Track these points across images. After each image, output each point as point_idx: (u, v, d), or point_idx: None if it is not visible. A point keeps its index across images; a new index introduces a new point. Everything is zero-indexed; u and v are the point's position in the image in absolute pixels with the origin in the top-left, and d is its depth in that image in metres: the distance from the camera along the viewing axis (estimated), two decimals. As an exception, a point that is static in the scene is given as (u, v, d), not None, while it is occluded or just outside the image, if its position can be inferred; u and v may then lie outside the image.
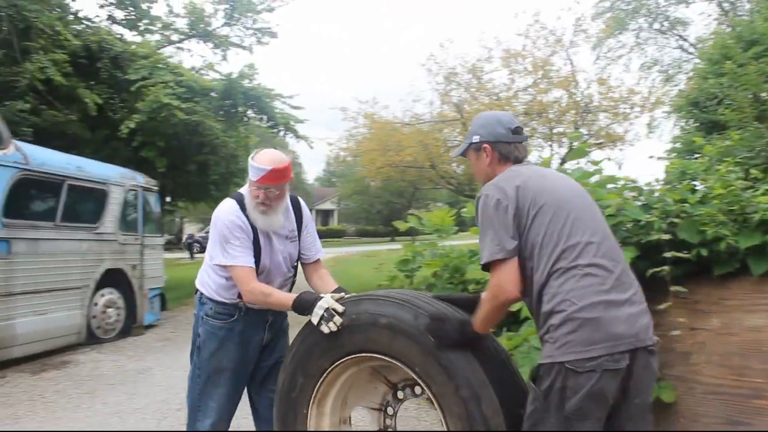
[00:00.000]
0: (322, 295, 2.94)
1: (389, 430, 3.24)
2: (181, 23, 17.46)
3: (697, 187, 4.34)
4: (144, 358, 8.07)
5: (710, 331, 3.74)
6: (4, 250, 7.26)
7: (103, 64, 14.29)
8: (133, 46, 15.12)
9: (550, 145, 16.41)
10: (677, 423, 3.73)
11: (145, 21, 16.28)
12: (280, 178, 3.12)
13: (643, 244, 3.89)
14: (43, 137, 12.20)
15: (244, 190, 3.28)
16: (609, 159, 16.07)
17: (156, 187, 11.27)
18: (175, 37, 17.85)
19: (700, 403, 3.67)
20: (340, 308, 2.85)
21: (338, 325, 2.81)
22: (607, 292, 2.28)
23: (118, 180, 9.83)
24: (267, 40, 17.89)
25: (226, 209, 3.23)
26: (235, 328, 3.33)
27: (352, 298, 2.95)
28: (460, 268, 5.36)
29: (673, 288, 3.70)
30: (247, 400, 3.59)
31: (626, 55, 24.64)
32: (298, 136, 15.40)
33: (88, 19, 15.51)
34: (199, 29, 17.32)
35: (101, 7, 15.67)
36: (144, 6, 15.63)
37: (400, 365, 2.71)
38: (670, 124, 20.22)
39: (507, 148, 2.66)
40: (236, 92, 14.10)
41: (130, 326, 9.86)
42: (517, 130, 2.68)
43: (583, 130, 15.70)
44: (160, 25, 17.11)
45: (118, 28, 16.13)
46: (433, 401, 2.64)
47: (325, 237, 57.08)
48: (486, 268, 2.43)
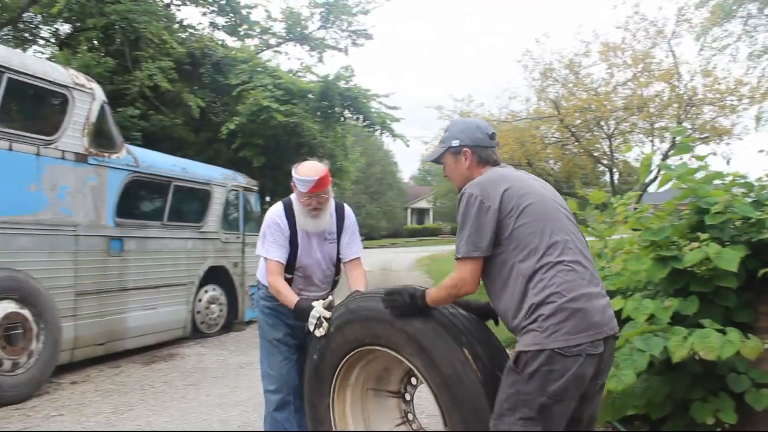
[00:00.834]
0: (314, 304, 3.29)
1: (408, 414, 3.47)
2: (279, 27, 17.96)
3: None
4: (245, 353, 8.35)
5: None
6: (117, 248, 7.69)
7: (206, 70, 14.88)
8: (234, 52, 15.65)
9: (651, 141, 15.88)
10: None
11: (245, 26, 16.82)
12: (324, 184, 3.56)
13: (754, 243, 3.71)
14: (151, 140, 12.86)
15: (293, 197, 3.70)
16: (715, 154, 15.39)
17: (256, 187, 11.60)
18: (273, 41, 18.36)
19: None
20: (328, 314, 3.21)
21: (326, 329, 3.18)
22: (587, 285, 2.51)
23: (221, 181, 10.20)
24: (362, 42, 18.14)
25: (273, 211, 3.75)
26: (281, 308, 3.72)
27: (351, 298, 3.26)
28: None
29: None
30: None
31: (733, 44, 23.43)
32: (394, 135, 15.48)
33: (192, 27, 16.20)
34: (296, 33, 17.74)
35: (204, 14, 16.31)
36: (244, 12, 16.14)
37: (384, 349, 2.99)
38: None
39: (486, 152, 2.84)
40: (333, 93, 14.33)
41: (232, 322, 10.22)
42: (493, 136, 2.88)
43: (687, 125, 15.08)
44: (258, 30, 17.65)
45: (219, 35, 16.75)
46: (411, 367, 2.90)
47: (421, 235, 57.15)
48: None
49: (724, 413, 3.51)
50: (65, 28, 16.13)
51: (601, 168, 18.48)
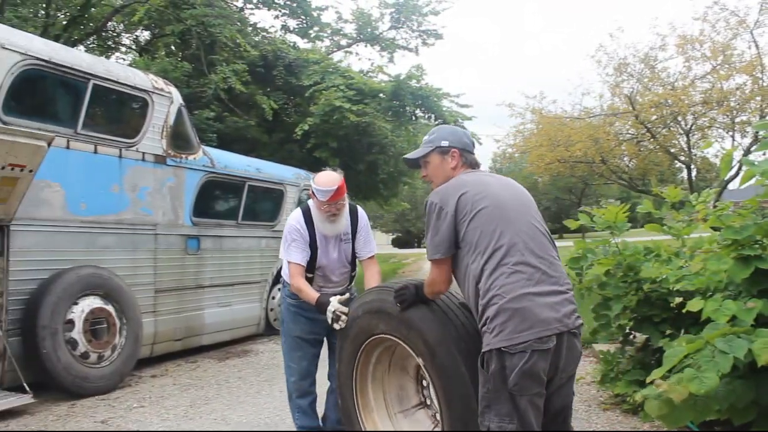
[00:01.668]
0: (331, 299, 3.62)
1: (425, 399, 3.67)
2: (350, 28, 18.12)
3: None
4: (318, 350, 8.45)
5: None
6: (195, 246, 7.94)
7: (278, 71, 15.14)
8: (306, 53, 15.88)
9: (732, 136, 15.28)
10: None
11: (316, 28, 17.03)
12: (341, 193, 3.91)
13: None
14: (226, 142, 13.19)
15: (310, 203, 4.07)
16: (801, 149, 14.67)
17: (327, 187, 11.73)
18: (343, 42, 18.54)
19: None
20: (344, 309, 3.55)
21: (344, 322, 3.53)
22: (534, 285, 2.63)
23: (293, 180, 10.37)
24: (432, 42, 18.11)
25: (293, 217, 4.12)
26: (304, 306, 4.04)
27: (366, 292, 3.59)
28: (634, 267, 5.13)
29: None
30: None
31: (823, 33, 22.29)
32: None
33: (264, 30, 16.52)
34: (367, 33, 17.86)
35: (276, 17, 16.61)
36: (315, 14, 16.35)
37: (391, 336, 3.29)
38: None
39: (470, 157, 3.11)
40: (404, 93, 14.35)
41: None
42: (474, 145, 3.18)
43: (771, 118, 14.44)
44: (329, 32, 17.84)
45: (291, 37, 17.02)
46: (412, 353, 3.20)
47: (492, 234, 56.66)
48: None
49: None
50: (145, 35, 16.74)
51: (678, 165, 17.92)
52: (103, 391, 6.15)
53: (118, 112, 7.41)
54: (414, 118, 15.66)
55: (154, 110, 7.32)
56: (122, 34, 17.06)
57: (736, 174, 11.84)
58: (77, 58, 6.68)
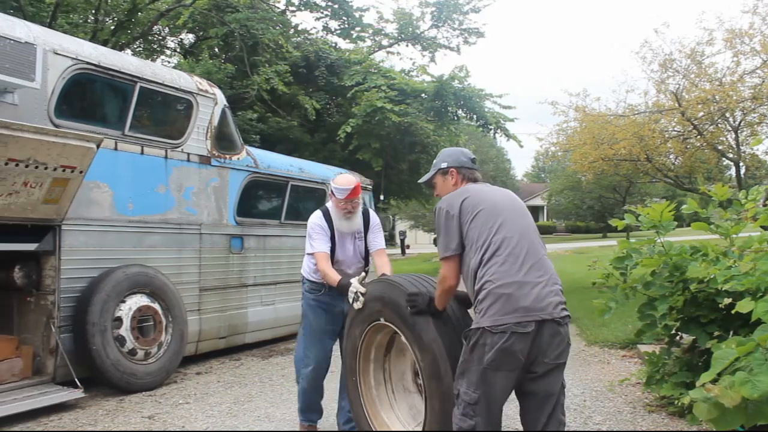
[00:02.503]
0: (352, 281, 3.99)
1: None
2: (391, 28, 18.15)
3: None
4: (360, 349, 8.49)
5: None
6: (238, 246, 8.04)
7: (320, 72, 15.26)
8: (347, 54, 15.95)
9: (784, 133, 14.85)
10: None
11: (358, 29, 17.10)
12: (356, 193, 4.42)
13: None
14: (269, 142, 13.34)
15: (329, 204, 4.57)
16: None
17: (370, 186, 11.77)
18: (385, 42, 18.58)
19: None
20: (363, 289, 3.90)
21: (362, 303, 3.88)
22: (522, 275, 3.01)
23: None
24: (474, 40, 18.03)
25: (314, 216, 4.60)
26: (323, 300, 4.56)
27: (378, 280, 3.99)
28: (680, 267, 5.04)
29: None
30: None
31: None
32: (508, 136, 15.28)
33: (306, 31, 16.64)
34: (408, 33, 17.87)
35: (317, 19, 16.72)
36: (356, 15, 16.41)
37: (386, 322, 3.73)
38: None
39: (468, 172, 3.53)
40: (447, 93, 14.31)
41: (347, 318, 10.38)
42: (474, 161, 3.61)
43: (826, 115, 14.01)
44: (371, 32, 17.90)
45: (332, 38, 17.11)
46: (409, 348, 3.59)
47: (535, 234, 56.02)
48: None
49: None
50: (189, 38, 17.01)
51: (726, 162, 17.48)
52: (149, 387, 6.28)
53: (163, 114, 7.55)
54: (456, 118, 15.60)
55: (199, 111, 7.44)
56: (167, 38, 17.36)
57: (788, 171, 11.50)
58: (125, 61, 6.83)
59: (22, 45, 5.33)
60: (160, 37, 17.11)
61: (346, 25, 16.97)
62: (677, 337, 5.38)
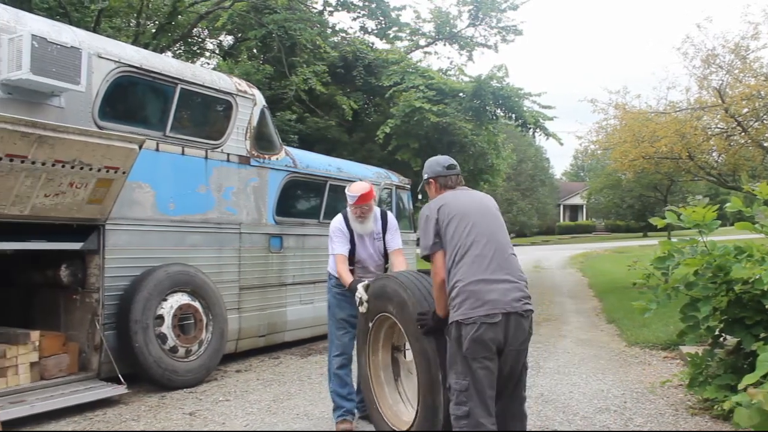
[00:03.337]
0: (358, 287, 4.50)
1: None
2: (428, 27, 18.11)
3: None
4: (397, 348, 8.49)
5: None
6: (278, 245, 8.12)
7: (358, 72, 15.30)
8: (385, 53, 15.96)
9: (834, 129, 14.43)
10: None
11: (395, 28, 17.10)
12: (366, 199, 4.87)
13: None
14: (307, 142, 13.43)
15: (348, 208, 4.99)
16: None
17: (408, 185, 11.76)
18: (422, 42, 18.54)
19: None
20: (366, 297, 4.43)
21: (365, 307, 4.45)
22: (489, 273, 3.44)
23: (374, 179, 10.43)
24: (512, 38, 17.90)
25: (335, 220, 5.10)
26: (346, 293, 4.94)
27: (382, 277, 4.54)
28: (724, 267, 4.94)
29: None
30: None
31: None
32: (547, 134, 15.12)
33: (344, 32, 16.72)
34: (445, 32, 17.82)
35: (354, 19, 16.77)
36: (393, 14, 16.42)
37: (392, 317, 4.22)
38: None
39: (444, 180, 3.96)
40: (485, 93, 14.18)
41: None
42: (450, 167, 4.00)
43: None
44: (408, 31, 17.88)
45: (369, 38, 17.14)
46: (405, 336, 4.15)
47: (574, 233, 55.45)
48: (426, 259, 3.75)
49: None
50: (228, 40, 17.21)
51: (772, 159, 17.05)
52: (190, 384, 6.38)
53: (204, 115, 7.66)
54: (495, 117, 15.49)
55: (238, 112, 7.53)
56: (207, 40, 17.60)
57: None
58: (166, 63, 6.95)
59: (68, 50, 5.45)
60: (200, 39, 17.35)
61: (383, 25, 17.00)
62: (721, 339, 5.28)
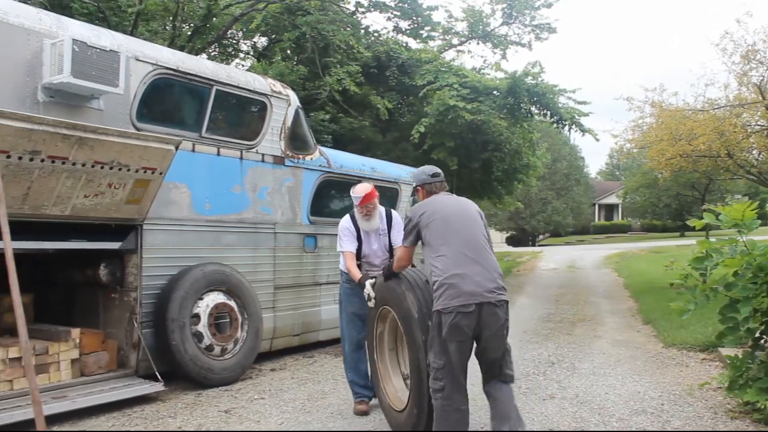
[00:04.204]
0: (366, 284, 5.04)
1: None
2: (461, 26, 18.05)
3: None
4: (431, 348, 8.48)
5: None
6: (312, 244, 8.16)
7: (391, 72, 15.31)
8: (418, 53, 15.94)
9: None
10: None
11: (428, 28, 17.07)
12: (369, 198, 5.37)
13: None
14: (341, 142, 13.48)
15: (354, 208, 5.49)
16: None
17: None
18: (455, 41, 18.49)
19: None
20: (373, 293, 4.96)
21: (372, 303, 5.00)
22: (465, 268, 3.97)
23: (408, 179, 10.42)
24: (546, 36, 17.75)
25: (343, 220, 5.63)
26: (355, 289, 5.40)
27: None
28: (765, 267, 4.84)
29: None
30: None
31: None
32: (583, 130, 14.92)
33: (377, 32, 16.73)
34: (478, 31, 17.74)
35: (388, 19, 16.78)
36: (426, 14, 16.40)
37: (392, 310, 4.76)
38: None
39: (429, 186, 4.57)
40: (520, 90, 14.06)
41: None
42: (434, 174, 4.60)
43: None
44: (441, 31, 17.84)
45: (402, 38, 17.13)
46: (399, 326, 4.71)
47: (609, 232, 54.78)
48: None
49: None
50: (262, 41, 17.35)
51: (816, 158, 16.65)
52: (226, 382, 6.45)
53: (238, 116, 7.74)
54: (529, 115, 15.35)
55: (273, 113, 7.59)
56: (241, 41, 17.75)
57: None
58: (201, 65, 7.04)
59: (107, 53, 5.55)
60: (234, 41, 17.51)
61: (416, 25, 16.97)
62: (761, 341, 5.17)
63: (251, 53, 17.57)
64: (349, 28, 14.71)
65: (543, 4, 17.18)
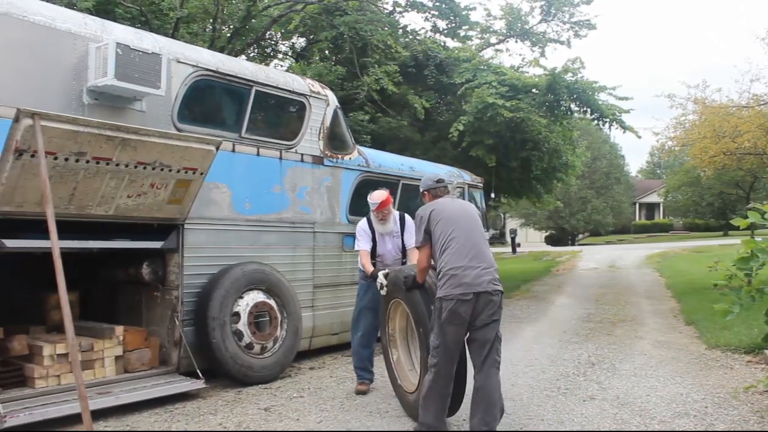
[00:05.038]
0: (378, 275, 5.57)
1: None
2: (499, 25, 17.92)
3: None
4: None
5: None
6: (351, 244, 8.17)
7: (429, 71, 15.26)
8: (456, 52, 15.87)
9: None
10: None
11: (465, 27, 16.98)
12: (385, 205, 6.06)
13: None
14: (379, 141, 13.49)
15: (371, 212, 6.15)
16: None
17: (481, 184, 11.68)
18: (493, 39, 18.36)
19: None
20: (385, 282, 5.48)
21: (384, 291, 5.52)
22: (466, 262, 4.54)
23: (447, 178, 10.40)
24: (585, 33, 17.52)
25: (360, 222, 6.31)
26: (371, 285, 5.96)
27: (396, 269, 5.58)
28: (813, 268, 4.74)
29: None
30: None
31: None
32: (624, 128, 14.63)
33: (415, 32, 16.69)
34: (517, 29, 17.60)
35: (425, 19, 16.74)
36: (464, 13, 16.32)
37: (401, 300, 5.39)
38: None
39: (434, 191, 5.21)
40: (560, 87, 13.88)
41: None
42: (439, 181, 5.25)
43: None
44: (479, 29, 17.74)
45: (440, 37, 17.07)
46: (409, 313, 5.33)
47: (650, 231, 53.88)
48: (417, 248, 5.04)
49: None
50: (300, 42, 17.45)
51: None
52: (265, 381, 6.52)
53: (278, 116, 7.81)
54: (569, 112, 15.15)
55: (312, 113, 7.64)
56: (279, 42, 17.88)
57: None
58: (241, 66, 7.12)
59: (149, 56, 5.66)
60: (273, 42, 17.64)
61: (454, 24, 16.90)
62: (810, 343, 5.05)
63: (289, 54, 17.69)
64: (387, 28, 14.71)
65: (582, 1, 16.96)
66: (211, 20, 14.19)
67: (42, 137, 4.54)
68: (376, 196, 6.06)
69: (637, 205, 60.54)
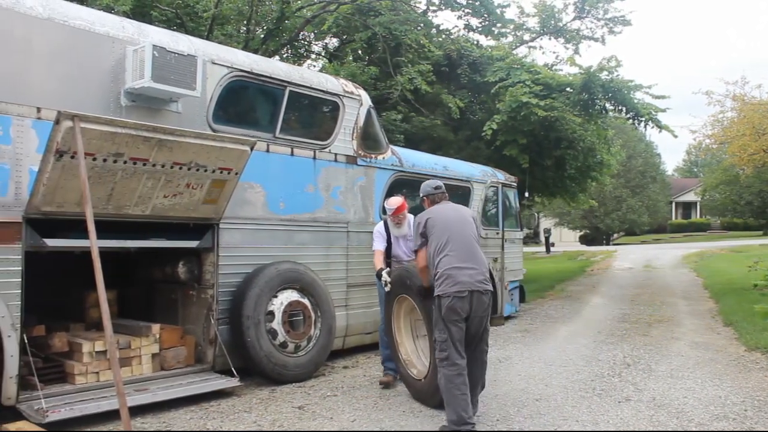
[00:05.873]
0: (383, 272, 6.07)
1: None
2: (533, 22, 17.78)
3: None
4: (504, 348, 8.42)
5: None
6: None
7: (463, 70, 15.22)
8: (489, 50, 15.78)
9: None
10: None
11: (499, 25, 16.88)
12: (400, 210, 6.42)
13: None
14: (413, 141, 13.49)
15: (387, 217, 6.56)
16: None
17: (515, 183, 11.61)
18: (526, 37, 18.22)
19: None
20: (389, 279, 6.00)
21: (388, 287, 6.03)
22: (460, 263, 4.99)
23: (480, 177, 10.39)
24: (619, 30, 17.30)
25: (377, 225, 6.75)
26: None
27: (399, 269, 6.23)
28: None
29: None
30: None
31: None
32: (660, 127, 14.38)
33: (448, 31, 16.66)
34: (550, 26, 17.44)
35: (459, 18, 16.69)
36: (497, 11, 16.22)
37: (408, 297, 5.93)
38: None
39: (432, 197, 5.61)
40: (594, 86, 13.69)
41: (492, 316, 10.29)
42: (437, 187, 5.65)
43: None
44: (512, 27, 17.61)
45: (473, 35, 17.01)
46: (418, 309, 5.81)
47: (686, 231, 53.02)
48: (414, 252, 5.52)
49: None
50: (333, 42, 17.52)
51: None
52: (299, 379, 6.56)
53: (311, 116, 7.85)
54: (604, 111, 14.95)
55: (345, 113, 7.67)
56: (313, 43, 17.98)
57: None
58: (275, 67, 7.17)
59: (185, 57, 5.73)
60: (306, 43, 17.74)
61: (487, 22, 16.80)
62: None
63: (323, 54, 17.77)
64: (420, 28, 14.69)
65: (618, -3, 16.74)
66: (245, 22, 14.33)
67: (81, 139, 4.63)
68: (393, 202, 6.49)
69: (674, 204, 59.61)
